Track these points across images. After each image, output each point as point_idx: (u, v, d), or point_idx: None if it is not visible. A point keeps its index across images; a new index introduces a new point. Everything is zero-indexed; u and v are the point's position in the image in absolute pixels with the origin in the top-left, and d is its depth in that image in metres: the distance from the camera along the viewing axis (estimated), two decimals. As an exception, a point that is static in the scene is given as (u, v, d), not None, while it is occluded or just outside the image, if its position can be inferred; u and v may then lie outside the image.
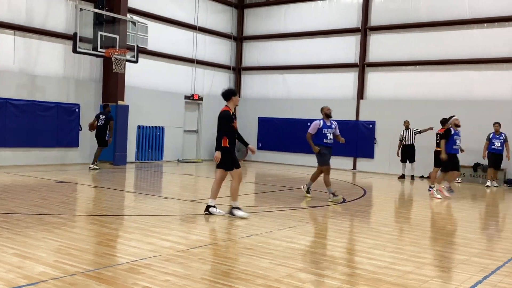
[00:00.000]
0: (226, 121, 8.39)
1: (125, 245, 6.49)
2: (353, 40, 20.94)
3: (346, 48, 21.11)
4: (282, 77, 22.59)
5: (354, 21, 20.87)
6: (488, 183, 15.70)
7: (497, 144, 15.52)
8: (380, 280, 5.26)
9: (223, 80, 23.53)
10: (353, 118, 20.58)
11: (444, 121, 14.32)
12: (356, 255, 6.57)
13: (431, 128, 16.88)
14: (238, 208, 8.49)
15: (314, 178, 11.34)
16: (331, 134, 11.03)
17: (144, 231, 7.17)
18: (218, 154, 8.33)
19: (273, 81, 22.87)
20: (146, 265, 5.42)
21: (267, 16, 23.21)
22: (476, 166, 17.39)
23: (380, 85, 20.31)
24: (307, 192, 11.45)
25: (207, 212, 8.57)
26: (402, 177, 17.57)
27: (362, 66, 20.65)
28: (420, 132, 17.33)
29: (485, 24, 18.09)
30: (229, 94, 8.58)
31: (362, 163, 20.36)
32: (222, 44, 23.35)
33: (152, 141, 19.90)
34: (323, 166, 10.99)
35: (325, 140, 10.95)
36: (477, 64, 18.20)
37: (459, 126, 12.56)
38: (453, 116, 12.82)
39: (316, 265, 5.81)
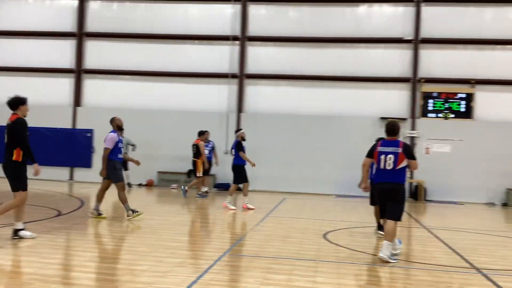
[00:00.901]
0: (23, 130, 7.38)
1: None
2: (69, 45, 20.08)
3: (61, 53, 20.11)
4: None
5: (70, 25, 20.05)
6: (203, 189, 16.00)
7: (206, 151, 16.00)
8: (98, 294, 5.07)
9: None
10: (69, 126, 19.70)
11: (201, 133, 15.58)
12: (72, 270, 6.20)
13: (133, 145, 17.46)
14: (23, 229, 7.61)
15: (100, 197, 10.21)
16: (123, 148, 10.33)
17: None
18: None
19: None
20: None
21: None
22: (189, 173, 18.60)
23: (99, 93, 19.99)
24: (99, 214, 10.20)
25: (16, 237, 7.50)
26: None
27: (79, 72, 19.97)
28: (132, 146, 17.58)
29: (197, 41, 19.65)
30: (17, 103, 7.57)
31: (79, 173, 19.60)
32: None
33: None
34: (119, 182, 10.10)
35: (119, 155, 10.16)
36: (189, 78, 19.59)
37: (244, 139, 13.25)
38: (241, 129, 13.54)
39: (27, 286, 5.25)
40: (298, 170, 18.57)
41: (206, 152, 16.08)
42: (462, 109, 18.33)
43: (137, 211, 10.18)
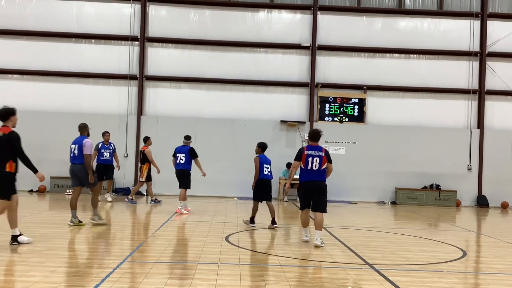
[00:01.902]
0: (19, 143, 7.71)
1: None
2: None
3: None
4: None
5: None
6: (107, 196, 15.39)
7: (106, 154, 15.29)
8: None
9: None
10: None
11: (146, 139, 15.19)
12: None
13: None
14: (21, 234, 7.87)
15: (95, 203, 10.38)
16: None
17: None
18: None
19: None
20: None
21: None
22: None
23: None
24: (100, 218, 10.38)
25: (15, 243, 7.74)
26: None
27: (-39, 70, 18.41)
28: None
29: (93, 40, 18.89)
30: (8, 114, 7.79)
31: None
32: None
33: None
34: (97, 186, 10.36)
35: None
36: (85, 78, 18.79)
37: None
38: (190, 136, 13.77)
39: None
40: (200, 173, 18.45)
41: (107, 155, 15.37)
42: (356, 113, 19.34)
43: (102, 219, 10.44)
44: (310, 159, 8.76)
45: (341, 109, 19.34)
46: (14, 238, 7.81)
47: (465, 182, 19.18)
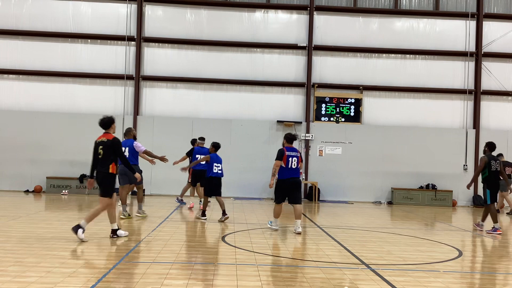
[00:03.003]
0: (121, 148, 8.69)
1: None
2: None
3: None
4: None
5: None
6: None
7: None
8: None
9: None
10: None
11: (194, 141, 15.28)
12: None
13: None
14: (119, 228, 8.94)
15: (141, 198, 11.98)
16: None
17: None
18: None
19: None
20: None
21: None
22: (82, 178, 17.74)
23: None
24: (143, 212, 11.90)
25: (115, 236, 8.81)
26: None
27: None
28: None
29: (89, 40, 18.85)
30: (110, 123, 8.76)
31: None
32: None
33: None
34: (141, 184, 11.73)
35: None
36: (82, 78, 18.74)
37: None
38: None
39: None
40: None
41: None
42: (352, 113, 19.36)
43: (145, 212, 12.02)
44: (290, 159, 10.10)
45: (337, 109, 19.36)
46: (114, 232, 8.81)
47: (461, 182, 19.21)
